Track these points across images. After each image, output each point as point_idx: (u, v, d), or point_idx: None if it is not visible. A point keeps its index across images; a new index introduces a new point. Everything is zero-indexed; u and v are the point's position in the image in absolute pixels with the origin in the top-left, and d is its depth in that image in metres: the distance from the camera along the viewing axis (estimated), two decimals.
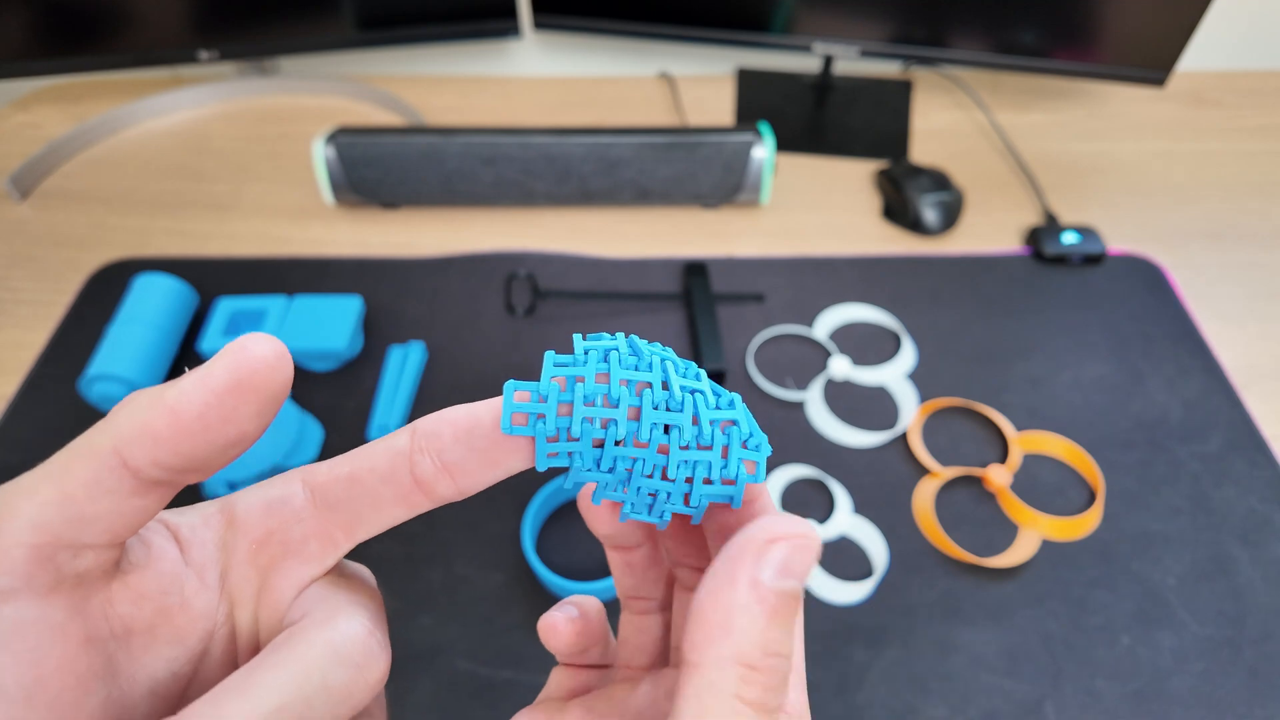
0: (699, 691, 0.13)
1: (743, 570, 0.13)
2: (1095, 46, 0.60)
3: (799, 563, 0.13)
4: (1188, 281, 0.54)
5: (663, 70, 0.75)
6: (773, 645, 0.13)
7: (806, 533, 0.14)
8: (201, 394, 0.12)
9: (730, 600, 0.13)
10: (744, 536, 0.13)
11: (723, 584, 0.13)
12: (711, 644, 0.13)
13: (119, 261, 0.55)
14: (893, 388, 0.48)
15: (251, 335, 0.13)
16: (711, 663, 0.13)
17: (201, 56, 0.64)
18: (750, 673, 0.13)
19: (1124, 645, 0.37)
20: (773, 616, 0.13)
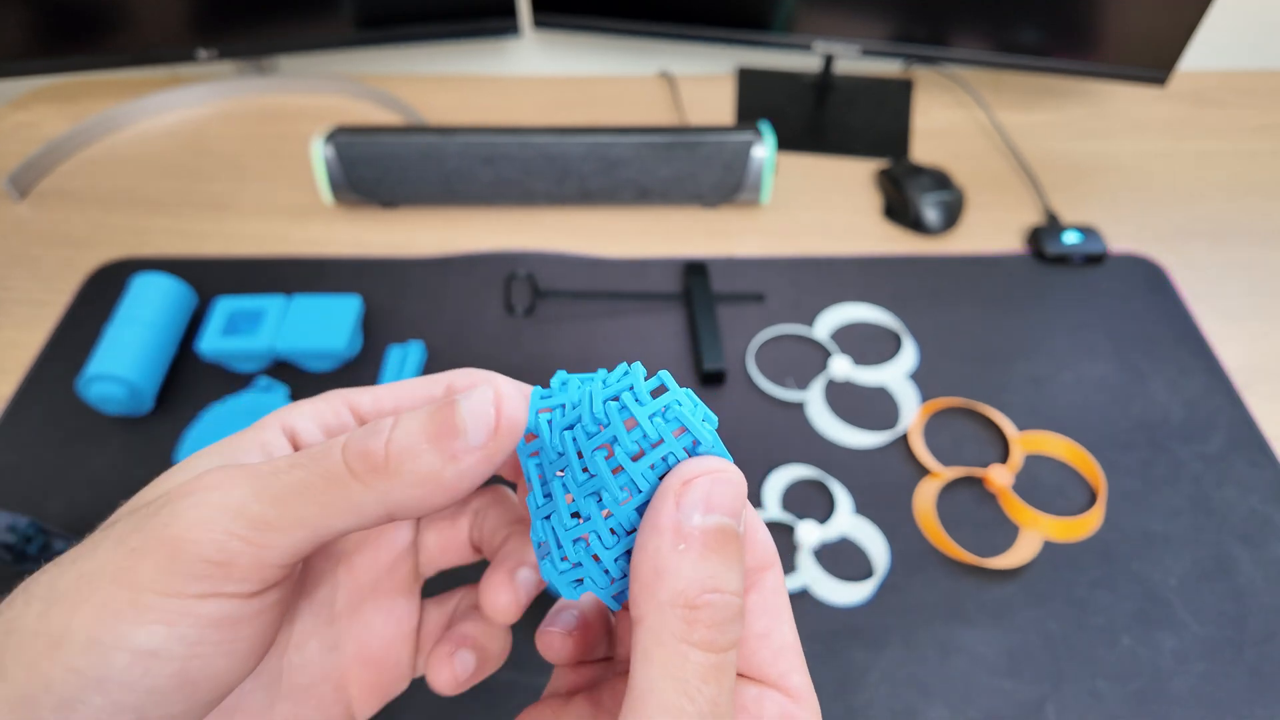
0: (645, 645, 0.12)
1: (664, 516, 0.13)
2: (1096, 46, 0.60)
3: (720, 496, 0.13)
4: (1189, 281, 0.54)
5: (663, 69, 0.75)
6: (710, 582, 0.13)
7: (722, 467, 0.14)
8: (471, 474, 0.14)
9: (656, 546, 0.13)
10: (664, 484, 0.13)
11: (649, 531, 0.13)
12: (648, 594, 0.13)
13: (117, 261, 0.55)
14: (893, 388, 0.47)
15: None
16: (652, 611, 0.13)
17: (200, 55, 0.64)
18: (691, 612, 0.12)
19: (1125, 646, 0.37)
20: (704, 554, 0.13)
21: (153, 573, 0.12)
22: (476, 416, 0.14)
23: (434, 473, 0.14)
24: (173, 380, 0.48)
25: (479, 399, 0.14)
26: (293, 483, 0.13)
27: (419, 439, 0.14)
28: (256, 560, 0.13)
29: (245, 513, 0.13)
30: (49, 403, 0.47)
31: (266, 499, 0.13)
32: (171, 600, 0.13)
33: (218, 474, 0.14)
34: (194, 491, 0.13)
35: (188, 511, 0.13)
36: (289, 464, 0.14)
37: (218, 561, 0.13)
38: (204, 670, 0.13)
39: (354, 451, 0.14)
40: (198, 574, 0.13)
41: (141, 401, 0.45)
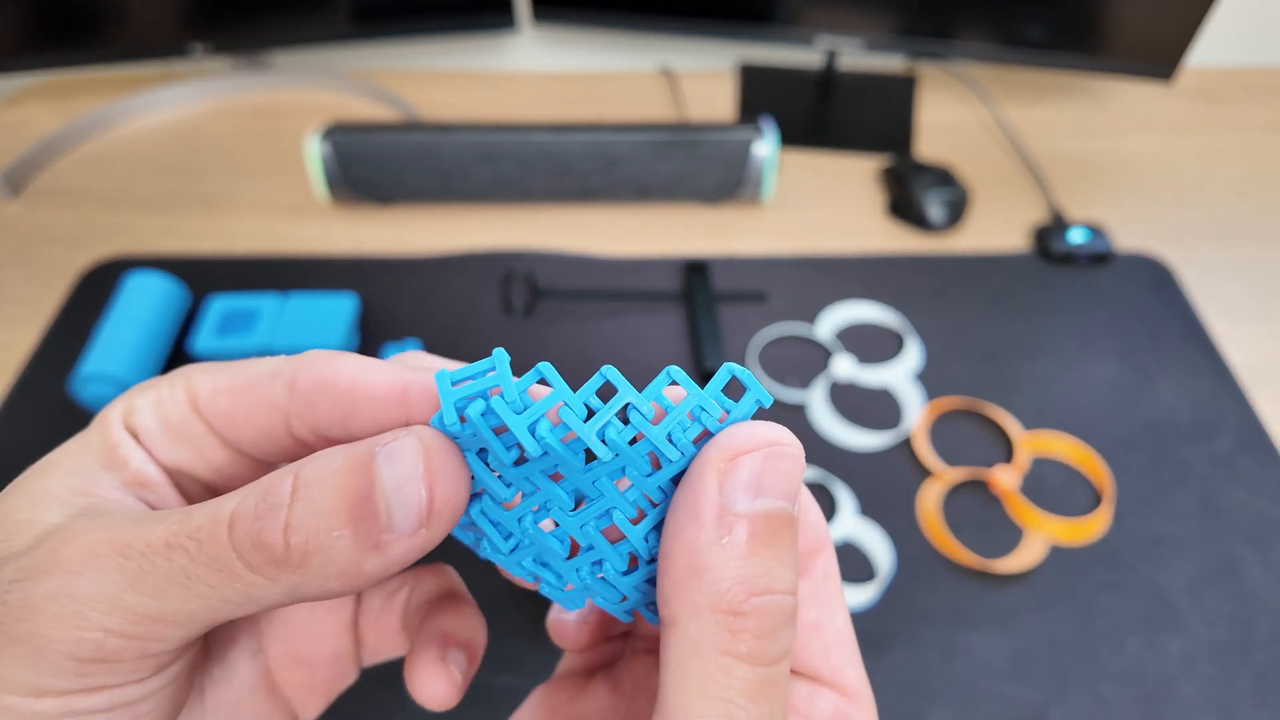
0: (680, 656, 0.10)
1: (703, 499, 0.11)
2: (1102, 42, 0.59)
3: (775, 475, 0.11)
4: (1196, 280, 0.54)
5: (663, 65, 0.74)
6: (759, 581, 0.10)
7: (778, 438, 0.11)
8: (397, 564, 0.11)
9: (694, 538, 0.10)
10: (702, 458, 0.11)
11: (684, 519, 0.11)
12: (682, 594, 0.10)
13: (110, 260, 0.55)
14: (897, 388, 0.47)
15: None
16: (688, 616, 0.10)
17: (194, 51, 0.63)
18: (736, 620, 0.10)
19: (1131, 650, 0.37)
20: (753, 547, 0.10)
21: (12, 673, 0.10)
22: (404, 497, 0.11)
23: (352, 564, 0.11)
24: None
25: (406, 469, 0.11)
26: (174, 571, 0.11)
27: (328, 519, 0.11)
28: (143, 653, 0.11)
29: (120, 605, 0.11)
30: (41, 403, 0.46)
31: (145, 589, 0.11)
32: (43, 701, 0.10)
33: (77, 549, 0.11)
34: (50, 572, 0.11)
35: (47, 605, 0.10)
36: (164, 544, 0.11)
37: (94, 660, 0.11)
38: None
39: (245, 538, 0.11)
40: (71, 672, 0.11)
41: None
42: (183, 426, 0.13)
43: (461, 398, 0.11)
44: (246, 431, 0.13)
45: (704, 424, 0.12)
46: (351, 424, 0.13)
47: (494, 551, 0.13)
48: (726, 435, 0.11)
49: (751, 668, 0.10)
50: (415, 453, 0.11)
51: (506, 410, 0.11)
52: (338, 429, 0.13)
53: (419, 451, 0.11)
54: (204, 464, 0.13)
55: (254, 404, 0.13)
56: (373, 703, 0.35)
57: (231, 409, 0.13)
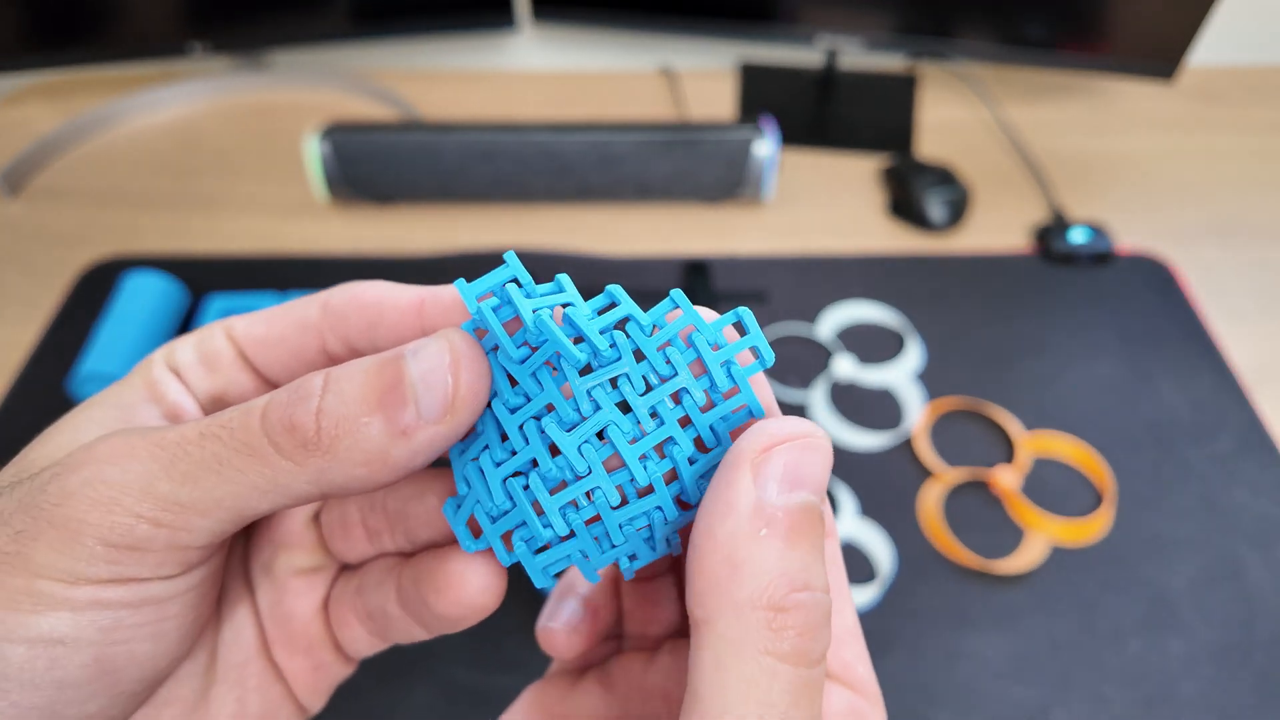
0: (719, 655, 0.10)
1: (739, 492, 0.10)
2: (1103, 40, 0.59)
3: (808, 467, 0.11)
4: (1197, 280, 0.53)
5: (663, 64, 0.74)
6: (800, 576, 0.10)
7: (809, 431, 0.11)
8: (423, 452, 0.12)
9: (732, 531, 0.10)
10: (734, 452, 0.11)
11: (720, 513, 0.10)
12: (720, 590, 0.10)
13: (109, 259, 0.54)
14: (898, 388, 0.47)
15: None
16: (727, 613, 0.10)
17: (193, 50, 0.63)
18: (779, 616, 0.10)
19: (1133, 650, 0.37)
20: (791, 540, 0.10)
21: (48, 558, 0.11)
22: (430, 385, 0.11)
23: (379, 451, 0.11)
24: None
25: (432, 361, 0.11)
26: (206, 458, 0.11)
27: (358, 407, 0.11)
28: (171, 543, 0.11)
29: (152, 492, 0.11)
30: (40, 402, 0.46)
31: (177, 476, 0.11)
32: (75, 588, 0.11)
33: (113, 443, 0.11)
34: (86, 464, 0.11)
35: (82, 490, 0.11)
36: (198, 434, 0.11)
37: (125, 546, 0.11)
38: (126, 656, 0.11)
39: (277, 421, 0.11)
40: (102, 558, 0.11)
41: None
42: (216, 356, 0.14)
43: (478, 293, 0.12)
44: (278, 353, 0.14)
45: (699, 351, 0.12)
46: (376, 333, 0.13)
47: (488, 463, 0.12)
48: (758, 428, 0.11)
49: (795, 668, 0.10)
50: (442, 347, 0.12)
51: (518, 295, 0.12)
52: (364, 340, 0.14)
53: (445, 346, 0.12)
54: (234, 390, 0.14)
55: (288, 326, 0.14)
56: (374, 703, 0.35)
57: (267, 333, 0.14)
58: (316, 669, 0.15)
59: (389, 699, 0.35)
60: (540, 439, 0.12)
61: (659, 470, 0.12)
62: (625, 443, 0.12)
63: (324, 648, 0.15)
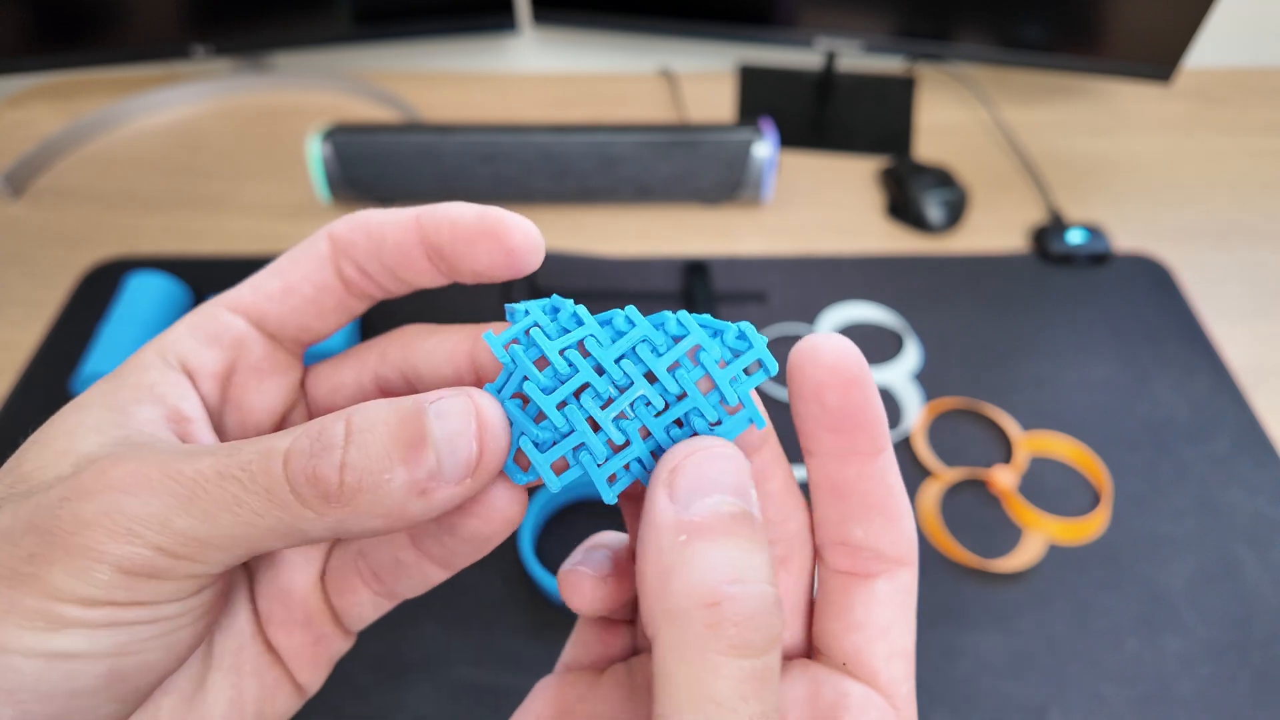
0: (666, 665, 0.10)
1: (658, 510, 0.11)
2: (1101, 43, 0.59)
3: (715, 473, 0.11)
4: (1194, 281, 0.54)
5: (663, 66, 0.74)
6: (730, 570, 0.10)
7: (707, 445, 0.12)
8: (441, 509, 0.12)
9: (658, 546, 0.11)
10: (653, 478, 0.12)
11: (646, 534, 0.11)
12: (657, 603, 0.11)
13: (112, 260, 0.55)
14: (896, 388, 0.47)
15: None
16: (666, 622, 0.10)
17: (196, 52, 0.64)
18: (713, 611, 0.10)
19: (1130, 649, 0.37)
20: (716, 539, 0.11)
21: (64, 582, 0.11)
22: (454, 449, 0.12)
23: (399, 506, 0.11)
24: None
25: (457, 424, 0.12)
26: (225, 499, 0.11)
27: (381, 462, 0.11)
28: (187, 572, 0.11)
29: (169, 527, 0.11)
30: (44, 403, 0.46)
31: (195, 514, 0.11)
32: (91, 610, 0.11)
33: (129, 470, 0.11)
34: (101, 491, 0.11)
35: (99, 519, 0.11)
36: (216, 473, 0.11)
37: (142, 576, 0.11)
38: (138, 665, 0.12)
39: (299, 472, 0.11)
40: (119, 585, 0.11)
41: None
42: (221, 334, 0.14)
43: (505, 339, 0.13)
44: (303, 292, 0.15)
45: (705, 367, 0.13)
46: (383, 254, 0.14)
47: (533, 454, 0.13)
48: (667, 454, 0.12)
49: (739, 660, 0.10)
50: (466, 409, 0.12)
51: (542, 338, 0.13)
52: (374, 262, 0.15)
53: (470, 408, 0.12)
54: (246, 361, 0.15)
55: (303, 267, 0.15)
56: (376, 702, 0.35)
57: (284, 283, 0.15)
58: (316, 643, 0.16)
59: (391, 698, 0.35)
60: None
61: None
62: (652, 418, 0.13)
63: (323, 620, 0.16)
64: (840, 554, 0.14)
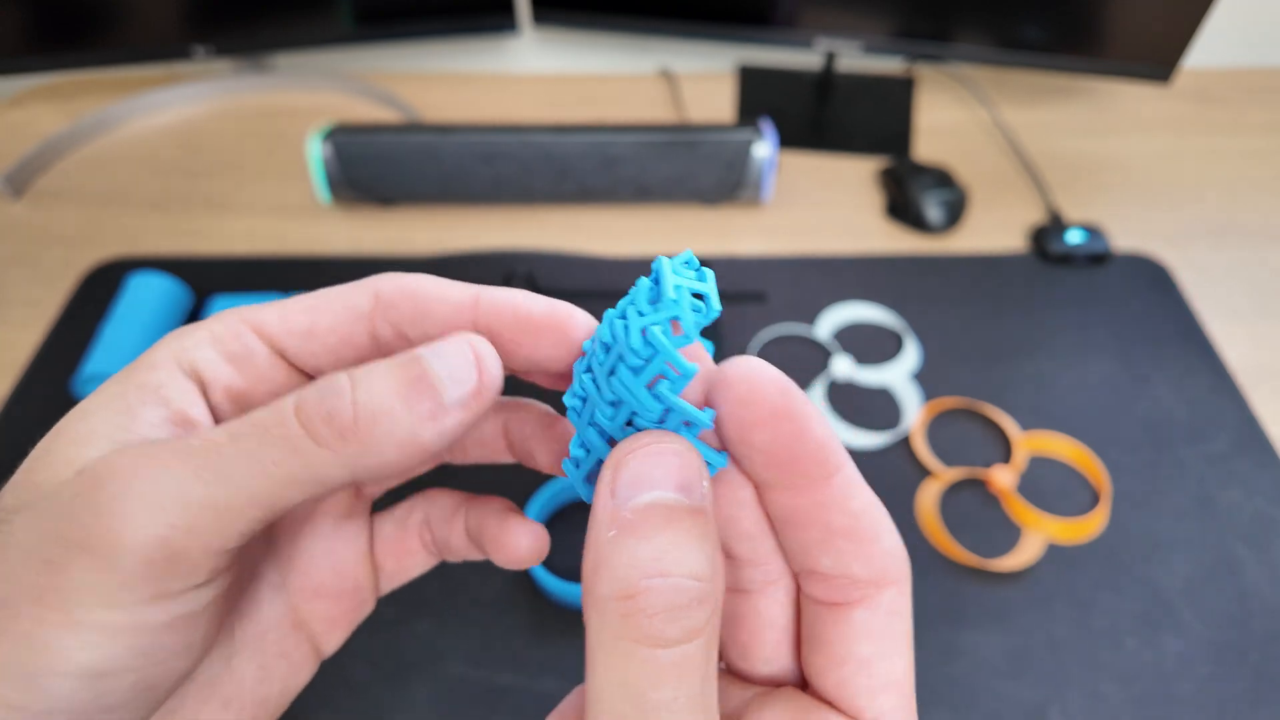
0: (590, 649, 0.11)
1: (599, 506, 0.12)
2: (1100, 43, 0.59)
3: (653, 469, 0.11)
4: (1193, 281, 0.54)
5: (663, 67, 0.75)
6: (652, 565, 0.11)
7: (648, 441, 0.12)
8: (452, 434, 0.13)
9: (595, 539, 0.11)
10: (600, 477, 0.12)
11: (589, 527, 0.12)
12: (588, 592, 0.11)
13: (113, 260, 0.55)
14: (895, 388, 0.47)
15: None
16: (592, 611, 0.11)
17: (196, 52, 0.64)
18: (628, 603, 0.10)
19: (1129, 648, 0.37)
20: (644, 534, 0.11)
21: (83, 587, 0.11)
22: (455, 374, 0.12)
23: (410, 434, 0.12)
24: None
25: (456, 358, 0.12)
26: (239, 455, 0.11)
27: (389, 398, 0.12)
28: (205, 549, 0.11)
29: (184, 498, 0.11)
30: (44, 403, 0.46)
31: (208, 477, 0.11)
32: (113, 613, 0.11)
33: (134, 455, 0.11)
34: (110, 479, 0.11)
35: (115, 507, 0.11)
36: (228, 435, 0.12)
37: (161, 560, 0.11)
38: (163, 673, 0.12)
39: (313, 413, 0.12)
40: (139, 578, 0.11)
41: None
42: (246, 355, 0.14)
43: None
44: (326, 341, 0.14)
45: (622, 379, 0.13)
46: (425, 325, 0.14)
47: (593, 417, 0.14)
48: (612, 454, 0.12)
49: (651, 649, 0.10)
50: (463, 346, 0.13)
51: None
52: (416, 329, 0.14)
53: (466, 345, 0.13)
54: (262, 388, 0.14)
55: (337, 314, 0.14)
56: (377, 700, 0.35)
57: (311, 324, 0.14)
58: (355, 608, 0.17)
59: (391, 696, 0.35)
60: None
61: None
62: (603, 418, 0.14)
63: (368, 586, 0.17)
64: (814, 582, 0.13)
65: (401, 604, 0.38)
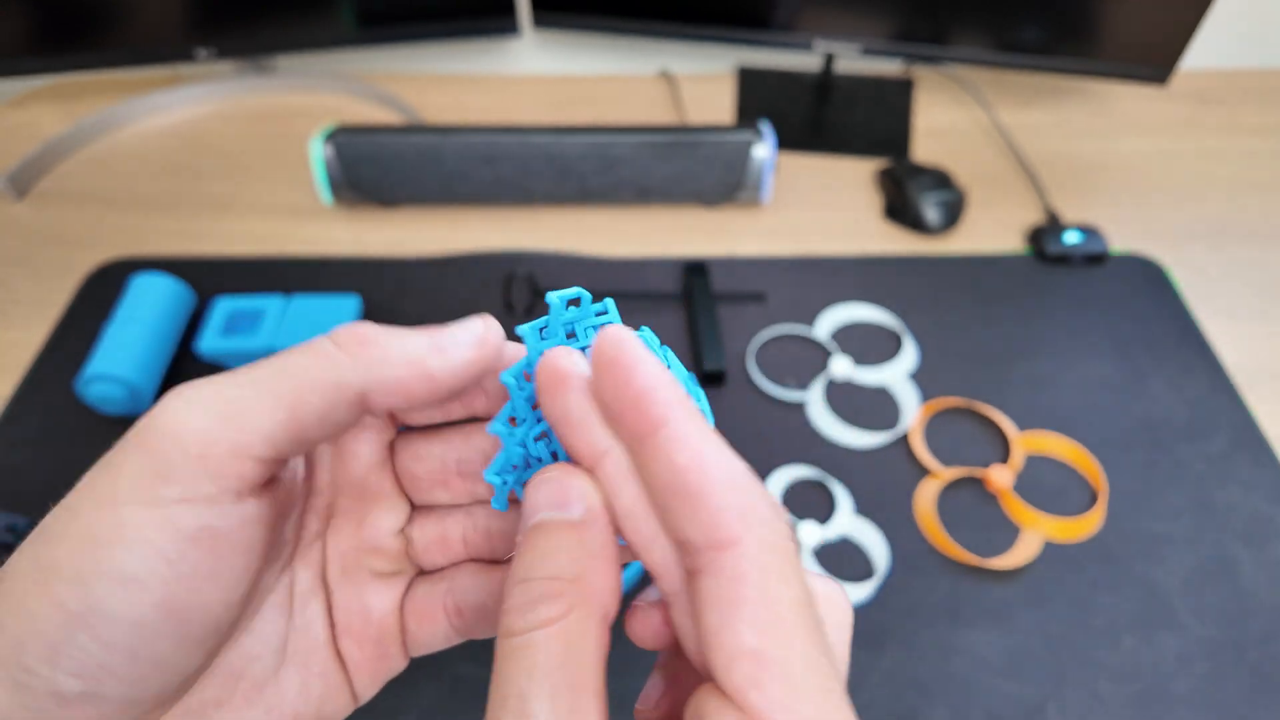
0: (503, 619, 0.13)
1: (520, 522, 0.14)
2: (1098, 45, 0.59)
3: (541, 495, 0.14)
4: (1190, 281, 0.54)
5: (663, 68, 0.75)
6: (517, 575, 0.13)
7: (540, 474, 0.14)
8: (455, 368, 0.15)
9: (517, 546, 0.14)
10: None
11: None
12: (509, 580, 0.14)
13: (116, 261, 0.55)
14: (894, 388, 0.47)
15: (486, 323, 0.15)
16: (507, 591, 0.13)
17: (199, 54, 0.64)
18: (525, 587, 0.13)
19: (1127, 647, 0.37)
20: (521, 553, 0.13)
21: (129, 480, 0.13)
22: (465, 327, 0.15)
23: (420, 357, 0.14)
24: (172, 380, 0.48)
25: (467, 322, 0.15)
26: (270, 366, 0.14)
27: (405, 336, 0.14)
28: (234, 446, 0.13)
29: (221, 395, 0.13)
30: (48, 403, 0.47)
31: (242, 381, 0.13)
32: (148, 510, 0.12)
33: (183, 391, 0.14)
34: (164, 409, 0.13)
35: (161, 411, 0.13)
36: (266, 360, 0.14)
37: (195, 453, 0.13)
38: (190, 599, 0.13)
39: (340, 330, 0.14)
40: (175, 469, 0.13)
41: (141, 402, 0.45)
42: None
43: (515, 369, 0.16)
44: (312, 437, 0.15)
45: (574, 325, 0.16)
46: None
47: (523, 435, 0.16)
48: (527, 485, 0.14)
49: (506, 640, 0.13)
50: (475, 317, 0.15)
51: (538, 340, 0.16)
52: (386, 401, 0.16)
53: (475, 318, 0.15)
54: None
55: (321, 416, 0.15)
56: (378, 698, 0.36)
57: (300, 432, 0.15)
58: (379, 659, 0.17)
59: (394, 694, 0.36)
60: None
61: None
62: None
63: (393, 641, 0.18)
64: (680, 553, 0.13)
65: None
